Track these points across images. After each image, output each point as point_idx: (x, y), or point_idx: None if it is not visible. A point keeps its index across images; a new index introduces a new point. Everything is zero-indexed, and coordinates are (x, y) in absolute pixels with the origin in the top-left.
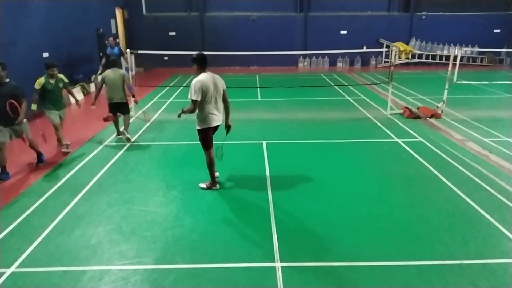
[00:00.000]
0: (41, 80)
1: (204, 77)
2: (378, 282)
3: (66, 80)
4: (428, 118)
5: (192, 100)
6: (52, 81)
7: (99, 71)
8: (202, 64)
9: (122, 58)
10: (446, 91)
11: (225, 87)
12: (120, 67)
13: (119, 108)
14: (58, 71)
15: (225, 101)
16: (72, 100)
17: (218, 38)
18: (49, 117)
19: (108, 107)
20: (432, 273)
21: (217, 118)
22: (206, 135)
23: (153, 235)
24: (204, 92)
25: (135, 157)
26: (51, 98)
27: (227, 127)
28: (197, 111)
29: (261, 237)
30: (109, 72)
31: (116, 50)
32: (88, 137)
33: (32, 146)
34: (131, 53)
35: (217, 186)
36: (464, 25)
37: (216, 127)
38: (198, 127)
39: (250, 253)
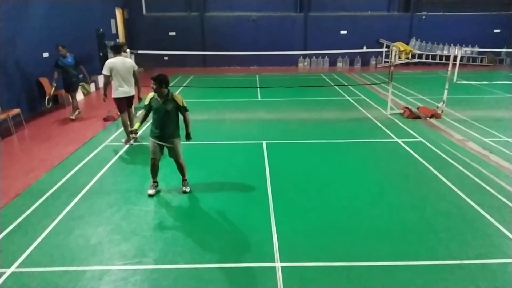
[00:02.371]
0: (150, 94)
1: (114, 59)
2: (378, 282)
3: (182, 104)
4: (428, 118)
5: (103, 75)
6: (160, 100)
7: (53, 89)
8: (115, 51)
9: (81, 67)
10: (446, 91)
11: (135, 69)
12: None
13: None
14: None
15: (135, 80)
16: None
17: (218, 38)
18: (149, 146)
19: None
20: (432, 273)
21: (125, 91)
22: (119, 102)
23: (153, 235)
24: (111, 69)
25: (135, 157)
26: (154, 121)
27: (139, 99)
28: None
29: (261, 237)
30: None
31: (69, 59)
32: (88, 137)
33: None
34: (131, 53)
35: (131, 142)
36: (464, 25)
37: (127, 98)
38: (112, 96)
39: (250, 253)
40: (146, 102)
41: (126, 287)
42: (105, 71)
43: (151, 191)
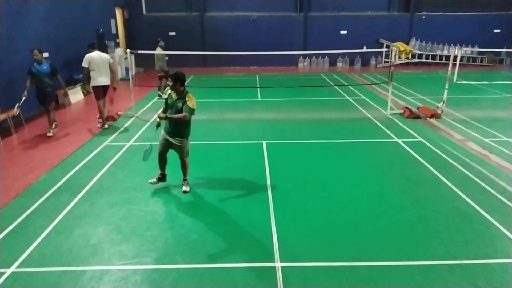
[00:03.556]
0: (168, 89)
1: (92, 53)
2: (378, 282)
3: (192, 106)
4: (428, 118)
5: (83, 67)
6: (173, 95)
7: (22, 99)
8: (92, 46)
9: (58, 77)
10: (446, 91)
11: (110, 61)
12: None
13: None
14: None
15: (111, 71)
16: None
17: (218, 38)
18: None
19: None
20: (432, 273)
21: (101, 80)
22: (95, 90)
23: (153, 235)
24: (89, 62)
25: (135, 157)
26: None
27: (114, 88)
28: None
29: (261, 237)
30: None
31: (45, 66)
32: (88, 137)
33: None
34: (131, 53)
35: (106, 126)
36: (464, 25)
37: (103, 86)
38: (91, 85)
39: (250, 253)
40: (165, 96)
41: (126, 287)
42: (84, 64)
43: (152, 180)
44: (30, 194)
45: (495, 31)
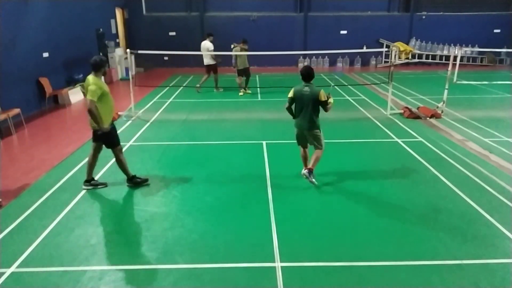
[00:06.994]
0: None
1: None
2: (378, 282)
3: (323, 98)
4: (428, 118)
5: None
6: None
7: None
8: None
9: None
10: (446, 91)
11: (209, 49)
12: None
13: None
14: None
15: (210, 56)
16: None
17: (218, 38)
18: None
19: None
20: (432, 273)
21: (204, 61)
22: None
23: (153, 235)
24: None
25: (135, 157)
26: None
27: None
28: None
29: (261, 237)
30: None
31: None
32: (88, 137)
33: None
34: (131, 53)
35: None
36: (464, 25)
37: (205, 65)
38: None
39: (250, 253)
40: (291, 94)
41: (126, 287)
42: None
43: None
44: (30, 194)
45: (495, 31)
